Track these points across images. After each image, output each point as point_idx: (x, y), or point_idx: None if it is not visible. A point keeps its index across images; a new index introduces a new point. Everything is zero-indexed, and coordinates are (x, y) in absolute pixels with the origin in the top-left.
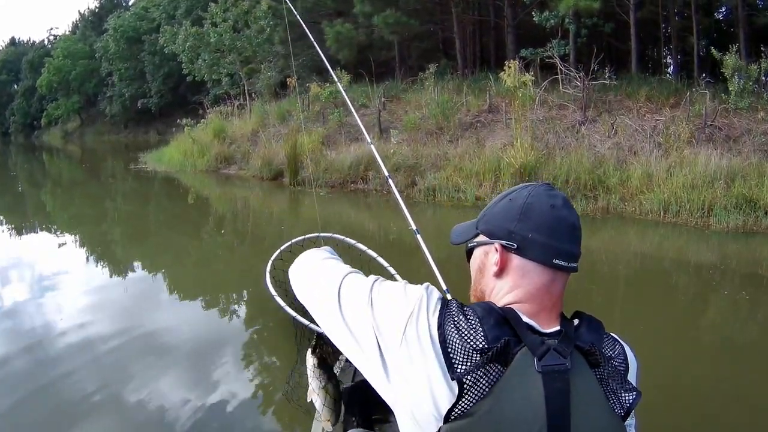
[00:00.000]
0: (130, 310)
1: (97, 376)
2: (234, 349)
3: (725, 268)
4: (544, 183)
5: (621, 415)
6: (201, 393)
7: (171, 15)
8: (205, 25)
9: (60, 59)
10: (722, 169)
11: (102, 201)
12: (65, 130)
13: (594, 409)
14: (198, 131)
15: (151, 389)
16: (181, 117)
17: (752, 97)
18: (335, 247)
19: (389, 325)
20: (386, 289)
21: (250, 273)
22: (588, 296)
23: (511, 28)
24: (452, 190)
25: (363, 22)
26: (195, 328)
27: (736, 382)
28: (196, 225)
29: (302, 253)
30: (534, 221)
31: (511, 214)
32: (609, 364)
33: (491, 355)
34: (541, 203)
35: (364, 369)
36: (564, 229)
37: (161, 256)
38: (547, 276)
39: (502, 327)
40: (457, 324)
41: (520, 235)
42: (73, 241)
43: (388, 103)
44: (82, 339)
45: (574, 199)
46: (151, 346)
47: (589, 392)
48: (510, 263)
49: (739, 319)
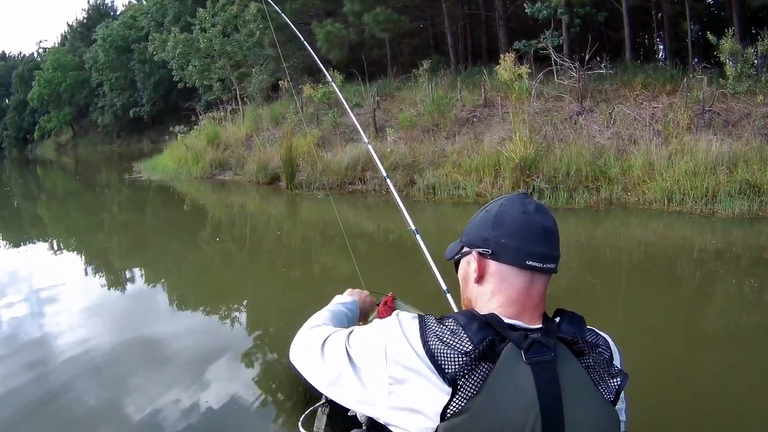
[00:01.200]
0: (127, 321)
1: (95, 387)
2: (233, 357)
3: (733, 255)
4: (521, 192)
5: (611, 400)
6: (199, 403)
7: (159, 23)
8: (194, 31)
9: (50, 71)
10: (724, 154)
11: (98, 212)
12: (58, 142)
13: (584, 395)
14: (191, 138)
15: (149, 400)
16: (174, 124)
17: (750, 81)
18: None
19: (372, 372)
20: (358, 338)
21: (249, 280)
22: (595, 289)
23: (503, 21)
24: (452, 187)
25: (353, 21)
26: (193, 337)
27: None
28: (192, 232)
29: (308, 322)
30: (507, 227)
31: (486, 224)
32: (594, 351)
33: (478, 353)
34: (513, 210)
35: (372, 414)
36: (536, 232)
37: (158, 265)
38: (524, 278)
39: (485, 330)
40: (439, 336)
41: (494, 241)
42: (70, 253)
43: (382, 101)
44: (81, 350)
45: (576, 192)
46: (149, 356)
47: (577, 380)
48: (488, 269)
49: (750, 305)
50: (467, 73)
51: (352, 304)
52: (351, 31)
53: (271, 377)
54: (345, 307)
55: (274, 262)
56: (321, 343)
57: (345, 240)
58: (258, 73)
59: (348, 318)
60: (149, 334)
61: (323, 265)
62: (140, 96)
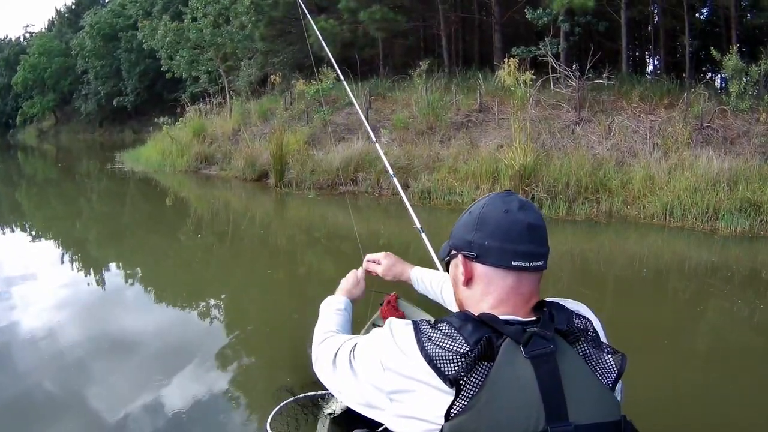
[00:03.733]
0: (97, 315)
1: (59, 383)
2: (205, 356)
3: (736, 275)
4: (505, 190)
5: (609, 386)
6: (163, 402)
7: (148, 12)
8: (185, 20)
9: (36, 56)
10: (724, 171)
11: (77, 201)
12: (40, 128)
13: (584, 383)
14: (176, 130)
15: (118, 396)
16: (157, 115)
17: (752, 99)
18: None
19: (373, 383)
20: (359, 352)
21: (231, 277)
22: (602, 305)
23: (498, 26)
24: (447, 192)
25: (347, 18)
26: (164, 333)
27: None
28: (173, 227)
29: (316, 336)
30: (489, 228)
31: (469, 226)
32: (585, 336)
33: (476, 353)
34: (495, 210)
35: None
36: (519, 231)
37: (136, 258)
38: (512, 279)
39: (480, 329)
40: (434, 340)
41: (478, 244)
42: (46, 242)
43: (374, 101)
44: (46, 344)
45: (575, 203)
46: (116, 351)
47: (576, 369)
48: (474, 272)
49: (754, 328)
50: (462, 77)
51: (344, 303)
52: (345, 28)
53: (241, 375)
54: (339, 311)
55: (276, 263)
56: (332, 359)
57: (342, 241)
58: (247, 67)
59: (347, 317)
60: (118, 329)
61: (309, 266)
62: (125, 85)
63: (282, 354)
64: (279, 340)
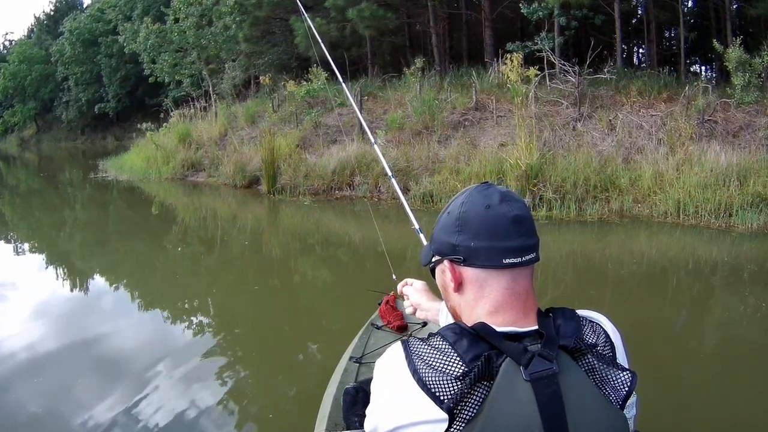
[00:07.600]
0: (77, 325)
1: (35, 394)
2: (193, 364)
3: (760, 274)
4: (482, 183)
5: (618, 403)
6: (153, 415)
7: (127, 16)
8: (167, 22)
9: (15, 64)
10: (732, 166)
11: (61, 211)
12: (21, 137)
13: (588, 404)
14: (161, 136)
15: (95, 410)
16: (140, 121)
17: (757, 92)
18: None
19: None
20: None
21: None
22: (618, 308)
23: (489, 23)
24: (450, 194)
25: (335, 17)
26: (144, 345)
27: None
28: (159, 237)
29: None
30: (472, 229)
31: (450, 228)
32: (593, 351)
33: (474, 376)
34: (476, 207)
35: None
36: (505, 225)
37: (121, 269)
38: (505, 278)
39: (478, 344)
40: (426, 360)
41: (464, 247)
42: (30, 253)
43: (365, 101)
44: (25, 355)
45: (584, 203)
46: (94, 363)
47: (580, 388)
48: (465, 276)
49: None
50: (454, 75)
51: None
52: (332, 27)
53: (234, 382)
54: None
55: (269, 273)
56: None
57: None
58: (231, 69)
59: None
60: (99, 340)
61: (303, 275)
62: (106, 91)
63: (273, 368)
64: (269, 353)
